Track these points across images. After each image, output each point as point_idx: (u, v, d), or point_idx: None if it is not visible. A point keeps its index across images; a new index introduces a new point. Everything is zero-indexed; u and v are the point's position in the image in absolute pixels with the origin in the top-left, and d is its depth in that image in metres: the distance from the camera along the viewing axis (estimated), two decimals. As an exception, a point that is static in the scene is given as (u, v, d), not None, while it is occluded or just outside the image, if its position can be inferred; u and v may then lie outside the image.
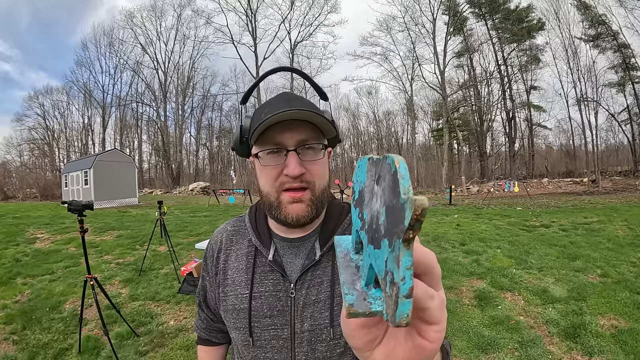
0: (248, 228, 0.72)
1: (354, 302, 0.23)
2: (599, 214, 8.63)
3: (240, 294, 0.67)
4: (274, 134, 0.58)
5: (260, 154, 0.61)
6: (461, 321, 2.98)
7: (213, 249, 0.75)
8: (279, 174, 0.60)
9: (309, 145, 0.60)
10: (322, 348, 0.62)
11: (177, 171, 34.42)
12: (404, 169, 0.19)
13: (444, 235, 6.61)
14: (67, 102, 36.39)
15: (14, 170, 29.56)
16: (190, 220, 10.01)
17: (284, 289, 0.65)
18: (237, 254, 0.71)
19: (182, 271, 4.33)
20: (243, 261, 0.70)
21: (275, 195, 0.61)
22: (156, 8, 33.38)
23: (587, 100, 20.93)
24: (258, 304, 0.65)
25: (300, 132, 0.59)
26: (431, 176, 26.00)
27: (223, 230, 0.77)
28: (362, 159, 0.25)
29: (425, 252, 0.24)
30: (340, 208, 0.74)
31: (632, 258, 4.59)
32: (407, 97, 29.29)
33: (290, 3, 30.20)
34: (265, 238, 0.69)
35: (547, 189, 19.36)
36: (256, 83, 0.68)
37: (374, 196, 0.22)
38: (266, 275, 0.66)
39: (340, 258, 0.28)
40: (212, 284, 0.75)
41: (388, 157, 0.20)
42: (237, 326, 0.66)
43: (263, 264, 0.67)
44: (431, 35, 24.89)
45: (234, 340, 0.70)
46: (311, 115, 0.57)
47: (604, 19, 21.43)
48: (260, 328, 0.64)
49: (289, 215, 0.61)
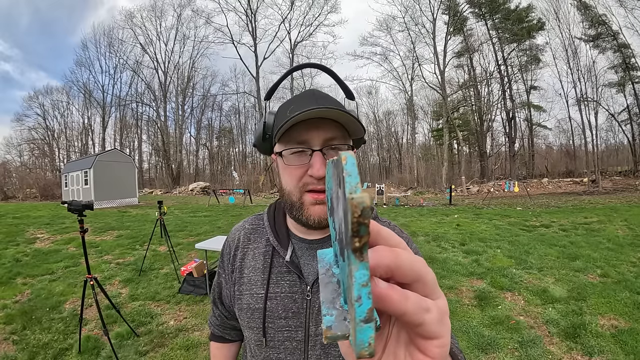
0: (266, 227, 0.71)
1: (332, 323, 0.20)
2: (599, 214, 8.63)
3: (256, 294, 0.66)
4: (300, 132, 0.57)
5: (284, 153, 0.59)
6: (461, 321, 2.97)
7: (230, 247, 0.75)
8: (303, 174, 0.58)
9: (335, 145, 0.58)
10: (335, 353, 0.62)
11: (177, 171, 34.42)
12: (351, 164, 0.17)
13: (444, 235, 6.61)
14: (67, 102, 36.43)
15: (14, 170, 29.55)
16: (190, 220, 10.01)
17: (299, 290, 0.64)
18: (254, 252, 0.71)
19: (182, 271, 4.33)
20: (260, 260, 0.69)
21: (297, 196, 0.60)
22: (156, 8, 33.42)
23: (587, 100, 20.92)
24: (273, 304, 0.64)
25: (327, 130, 0.57)
26: (431, 176, 25.98)
27: (241, 227, 0.76)
28: (328, 162, 0.23)
29: (411, 257, 0.21)
30: None
31: (632, 258, 4.59)
32: (407, 97, 29.29)
33: (290, 3, 30.20)
34: (284, 238, 0.68)
35: (547, 189, 19.36)
36: (282, 78, 0.66)
37: (339, 201, 0.20)
38: (282, 276, 0.66)
39: (322, 274, 0.25)
40: (227, 281, 0.74)
41: (340, 155, 0.18)
42: (250, 325, 0.66)
43: (280, 264, 0.67)
44: (431, 35, 24.91)
45: (247, 339, 0.70)
46: (339, 114, 0.55)
47: (604, 19, 21.42)
48: (274, 329, 0.64)
49: (311, 216, 0.59)
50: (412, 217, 9.71)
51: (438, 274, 4.25)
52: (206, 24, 31.89)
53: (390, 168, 38.94)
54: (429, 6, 24.83)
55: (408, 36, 26.40)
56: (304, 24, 31.29)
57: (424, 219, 9.12)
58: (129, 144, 39.01)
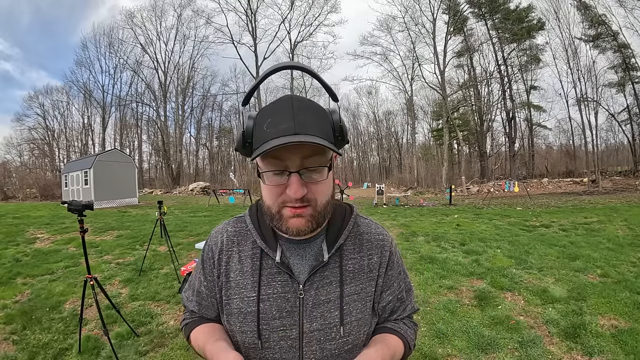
0: (251, 229, 0.71)
1: None
2: (599, 214, 8.63)
3: (247, 297, 0.66)
4: (277, 152, 0.57)
5: (263, 175, 0.61)
6: (461, 321, 2.97)
7: (213, 251, 0.73)
8: (282, 192, 0.60)
9: (312, 168, 0.59)
10: (331, 346, 0.64)
11: (177, 171, 34.43)
12: None
13: (444, 235, 6.61)
14: (67, 102, 36.43)
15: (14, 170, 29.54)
16: (190, 220, 10.01)
17: (292, 290, 0.65)
18: (240, 256, 0.70)
19: (182, 271, 4.32)
20: (248, 263, 0.68)
21: (276, 209, 0.62)
22: (156, 8, 33.43)
23: (587, 100, 20.92)
24: (266, 306, 0.65)
25: (304, 150, 0.57)
26: (431, 176, 25.97)
27: (223, 230, 0.74)
28: None
29: None
30: (344, 209, 0.74)
31: (632, 258, 4.59)
32: (407, 97, 29.31)
33: (290, 3, 30.21)
34: (271, 240, 0.68)
35: (547, 189, 19.37)
36: (257, 84, 0.65)
37: None
38: (273, 277, 0.66)
39: None
40: (211, 288, 0.73)
41: None
42: (243, 330, 0.65)
43: (270, 265, 0.67)
44: (431, 35, 24.90)
45: (236, 344, 0.68)
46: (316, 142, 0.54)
47: (604, 19, 21.42)
48: (269, 330, 0.64)
49: (289, 228, 0.62)
50: (412, 217, 9.71)
51: (438, 274, 4.25)
52: (206, 24, 31.92)
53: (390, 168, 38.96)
54: (429, 6, 24.84)
55: (408, 36, 26.43)
56: (304, 24, 31.26)
57: (424, 219, 9.12)
58: (129, 144, 39.03)
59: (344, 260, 0.69)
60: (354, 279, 0.68)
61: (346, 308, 0.65)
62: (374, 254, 0.72)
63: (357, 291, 0.68)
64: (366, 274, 0.70)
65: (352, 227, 0.72)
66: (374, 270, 0.71)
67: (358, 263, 0.70)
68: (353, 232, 0.72)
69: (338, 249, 0.69)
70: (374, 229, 0.75)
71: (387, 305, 0.74)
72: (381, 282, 0.72)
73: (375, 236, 0.74)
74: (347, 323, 0.65)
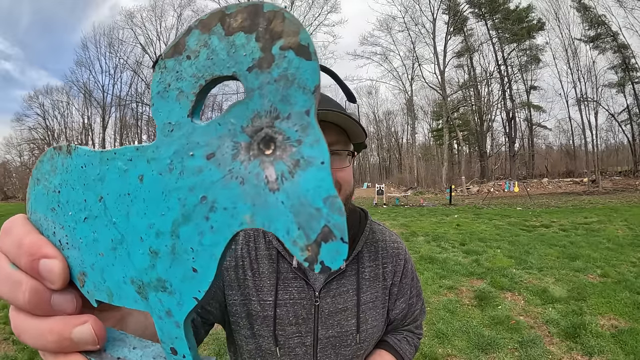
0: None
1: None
2: (599, 214, 8.63)
3: (263, 301, 0.64)
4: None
5: None
6: (461, 321, 2.97)
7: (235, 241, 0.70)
8: None
9: (335, 150, 0.58)
10: (345, 352, 0.65)
11: (177, 171, 34.40)
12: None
13: (444, 235, 6.61)
14: (67, 102, 36.45)
15: (14, 170, 29.57)
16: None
17: (308, 296, 0.64)
18: (256, 254, 0.67)
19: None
20: (265, 265, 0.66)
21: None
22: (156, 8, 33.43)
23: (587, 100, 20.95)
24: (283, 311, 0.63)
25: (327, 134, 0.56)
26: (431, 176, 26.00)
27: None
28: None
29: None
30: (358, 214, 0.74)
31: (632, 258, 4.59)
32: (407, 97, 29.33)
33: (290, 3, 30.22)
34: None
35: (547, 189, 19.38)
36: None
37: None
38: (290, 282, 0.65)
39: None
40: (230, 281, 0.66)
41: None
42: (260, 333, 0.63)
43: (286, 270, 0.65)
44: (431, 35, 24.94)
45: (247, 347, 0.65)
46: (341, 117, 0.53)
47: (604, 19, 21.45)
48: (285, 336, 0.63)
49: None
50: (412, 217, 9.71)
51: (438, 274, 4.25)
52: (206, 24, 31.88)
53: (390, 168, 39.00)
54: (429, 6, 24.90)
55: (408, 36, 26.49)
56: (304, 24, 31.26)
57: (424, 219, 9.12)
58: (128, 144, 38.93)
59: (361, 267, 0.68)
60: (370, 287, 0.68)
61: (362, 316, 0.66)
62: (388, 263, 0.72)
63: (372, 299, 0.68)
64: (381, 282, 0.70)
65: (368, 234, 0.71)
66: (388, 278, 0.71)
67: (374, 271, 0.70)
68: (369, 239, 0.72)
69: (355, 257, 0.68)
70: (389, 236, 0.75)
71: (400, 313, 0.75)
72: (395, 290, 0.72)
73: (390, 244, 0.74)
74: (363, 331, 0.65)
